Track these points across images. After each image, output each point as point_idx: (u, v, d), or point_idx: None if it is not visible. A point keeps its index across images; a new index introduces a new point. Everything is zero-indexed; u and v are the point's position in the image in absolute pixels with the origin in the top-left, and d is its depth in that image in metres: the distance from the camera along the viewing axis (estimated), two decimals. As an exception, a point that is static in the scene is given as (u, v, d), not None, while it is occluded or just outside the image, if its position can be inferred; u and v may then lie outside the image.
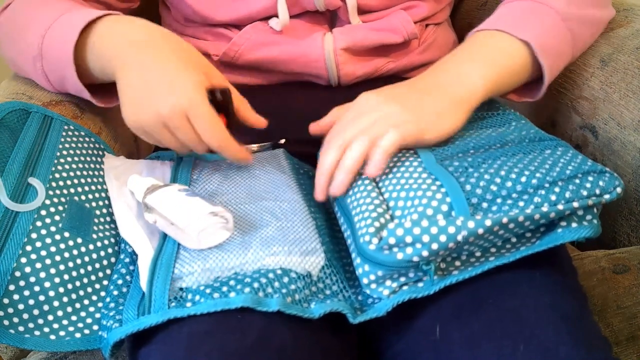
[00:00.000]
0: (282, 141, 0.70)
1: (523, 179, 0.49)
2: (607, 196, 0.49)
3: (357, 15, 0.71)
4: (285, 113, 0.68)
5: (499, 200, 0.48)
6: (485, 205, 0.48)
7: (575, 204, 0.47)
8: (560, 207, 0.47)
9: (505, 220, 0.45)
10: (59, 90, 0.67)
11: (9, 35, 0.68)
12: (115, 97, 0.59)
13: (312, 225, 0.54)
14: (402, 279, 0.48)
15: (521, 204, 0.47)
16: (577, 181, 0.49)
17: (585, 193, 0.48)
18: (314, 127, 0.62)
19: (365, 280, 0.48)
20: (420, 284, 0.48)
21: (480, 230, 0.45)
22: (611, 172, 0.50)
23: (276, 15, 0.70)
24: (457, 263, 0.49)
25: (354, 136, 0.54)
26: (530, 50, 0.61)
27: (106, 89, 0.65)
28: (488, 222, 0.45)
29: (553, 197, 0.48)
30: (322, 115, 0.64)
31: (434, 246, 0.45)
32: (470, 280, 0.47)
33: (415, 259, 0.45)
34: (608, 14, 0.72)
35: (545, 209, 0.46)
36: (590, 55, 0.72)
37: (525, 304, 0.45)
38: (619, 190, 0.49)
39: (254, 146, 0.70)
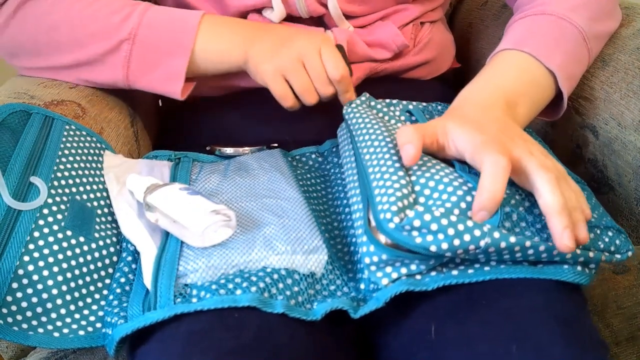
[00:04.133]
0: (275, 145, 0.71)
1: None
2: (618, 256, 0.49)
3: (345, 20, 0.71)
4: (281, 116, 0.69)
5: (522, 224, 0.48)
6: (508, 224, 0.47)
7: (591, 254, 0.47)
8: (578, 251, 0.47)
9: (527, 243, 0.45)
10: (127, 82, 0.67)
11: (54, 18, 0.66)
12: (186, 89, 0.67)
13: (313, 222, 0.54)
14: (404, 270, 0.47)
15: (545, 235, 0.47)
16: (598, 232, 0.49)
17: (602, 246, 0.48)
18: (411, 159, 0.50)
19: (367, 260, 0.47)
20: (418, 277, 0.47)
21: (503, 244, 0.44)
22: (626, 235, 0.51)
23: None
24: (457, 260, 0.49)
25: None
26: (554, 77, 0.62)
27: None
28: (512, 239, 0.44)
29: None
30: (316, 118, 0.65)
31: (456, 242, 0.44)
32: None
33: (433, 248, 0.44)
34: (617, 25, 0.72)
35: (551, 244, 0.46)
36: (591, 55, 0.72)
37: (519, 305, 0.45)
38: (629, 254, 0.50)
39: (247, 148, 0.70)
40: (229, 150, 0.70)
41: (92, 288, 0.50)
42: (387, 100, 0.62)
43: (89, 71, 0.68)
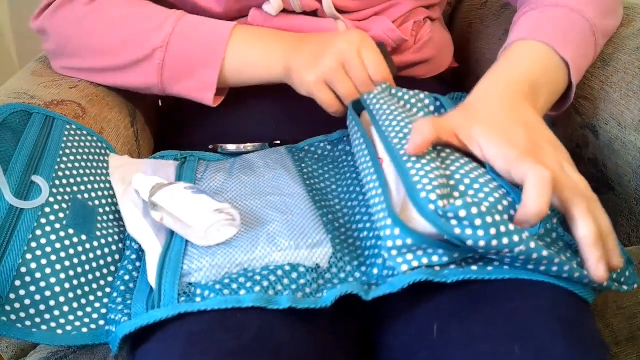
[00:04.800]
0: (277, 142, 0.71)
1: None
2: (625, 287, 0.49)
3: (339, 15, 0.70)
4: (281, 114, 0.69)
5: (553, 235, 0.48)
6: (547, 239, 0.47)
7: (605, 283, 0.47)
8: None
9: (556, 260, 0.45)
10: (161, 88, 0.69)
11: (94, 22, 0.68)
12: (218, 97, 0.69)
13: (317, 217, 0.54)
14: (425, 260, 0.46)
15: (568, 254, 0.47)
16: None
17: (614, 275, 0.48)
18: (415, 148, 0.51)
19: (389, 243, 0.46)
20: (437, 268, 0.46)
21: (535, 255, 0.44)
22: (634, 266, 0.50)
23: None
24: (477, 256, 0.48)
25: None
26: (567, 69, 0.61)
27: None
28: (545, 253, 0.44)
29: None
30: (317, 116, 0.65)
31: (494, 242, 0.43)
32: (469, 280, 0.47)
33: (469, 242, 0.43)
34: (618, 24, 0.71)
35: (586, 272, 0.46)
36: (591, 55, 0.72)
37: (523, 305, 0.45)
38: (635, 286, 0.49)
39: (249, 145, 0.70)
40: (230, 147, 0.70)
41: (94, 286, 0.51)
42: (412, 92, 0.61)
43: (123, 76, 0.69)
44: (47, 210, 0.51)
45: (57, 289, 0.48)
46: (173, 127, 0.83)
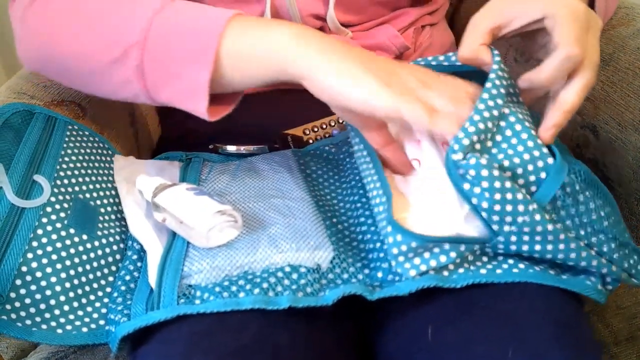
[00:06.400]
0: (277, 145, 0.71)
1: (594, 216, 0.48)
2: (635, 281, 0.49)
3: (344, 28, 0.70)
4: (281, 115, 0.69)
5: (564, 212, 0.47)
6: (552, 211, 0.47)
7: (614, 268, 0.47)
8: (603, 260, 0.47)
9: (562, 236, 0.45)
10: (148, 96, 0.53)
11: (62, 20, 0.55)
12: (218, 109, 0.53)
13: (320, 220, 0.54)
14: (433, 263, 0.46)
15: (582, 232, 0.47)
16: (627, 251, 0.49)
17: (626, 265, 0.48)
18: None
19: (394, 251, 0.45)
20: (446, 273, 0.47)
21: (539, 228, 0.44)
22: None
23: None
24: (484, 258, 0.48)
25: None
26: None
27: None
28: (550, 227, 0.44)
29: (605, 248, 0.47)
30: (316, 117, 0.64)
31: (496, 207, 0.43)
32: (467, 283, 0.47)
33: (474, 200, 0.44)
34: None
35: (592, 252, 0.46)
36: (591, 55, 0.72)
37: (518, 308, 0.45)
38: None
39: (250, 147, 0.70)
40: (230, 148, 0.70)
41: (95, 285, 0.51)
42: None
43: (99, 83, 0.55)
44: (49, 209, 0.52)
45: (58, 288, 0.48)
46: (173, 126, 0.83)
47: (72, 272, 0.49)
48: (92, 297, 0.50)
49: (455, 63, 0.57)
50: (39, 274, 0.48)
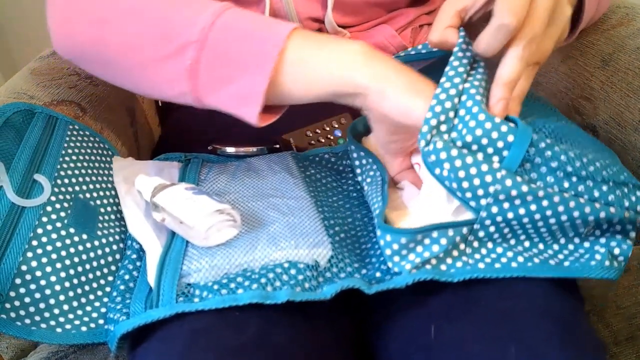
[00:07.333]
0: (277, 147, 0.71)
1: (578, 164, 0.46)
2: None
3: (341, 30, 0.70)
4: (281, 117, 0.69)
5: (543, 170, 0.46)
6: (529, 166, 0.46)
7: (612, 209, 0.46)
8: (597, 205, 0.45)
9: (541, 193, 0.44)
10: (195, 96, 0.53)
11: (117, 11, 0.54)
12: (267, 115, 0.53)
13: (319, 220, 0.54)
14: (426, 254, 0.46)
15: (566, 184, 0.46)
16: (625, 190, 0.48)
17: (627, 204, 0.47)
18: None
19: (388, 252, 0.47)
20: (443, 267, 0.47)
21: (514, 192, 0.44)
22: None
23: None
24: (483, 250, 0.48)
25: None
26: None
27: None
28: (525, 188, 0.44)
29: (596, 194, 0.46)
30: (315, 120, 0.64)
31: (465, 184, 0.44)
32: (464, 280, 0.47)
33: (447, 183, 0.45)
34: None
35: (582, 200, 0.45)
36: (591, 55, 0.73)
37: (517, 306, 0.45)
38: None
39: (249, 149, 0.70)
40: (229, 150, 0.70)
41: (94, 285, 0.51)
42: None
43: (142, 78, 0.55)
44: (49, 209, 0.52)
45: (57, 287, 0.48)
46: (173, 127, 0.83)
47: (71, 271, 0.49)
48: (91, 297, 0.50)
49: (432, 50, 0.58)
50: (38, 273, 0.48)
